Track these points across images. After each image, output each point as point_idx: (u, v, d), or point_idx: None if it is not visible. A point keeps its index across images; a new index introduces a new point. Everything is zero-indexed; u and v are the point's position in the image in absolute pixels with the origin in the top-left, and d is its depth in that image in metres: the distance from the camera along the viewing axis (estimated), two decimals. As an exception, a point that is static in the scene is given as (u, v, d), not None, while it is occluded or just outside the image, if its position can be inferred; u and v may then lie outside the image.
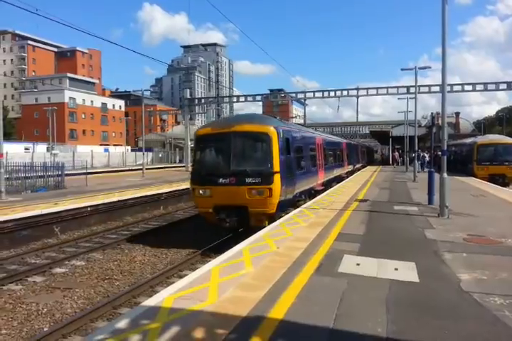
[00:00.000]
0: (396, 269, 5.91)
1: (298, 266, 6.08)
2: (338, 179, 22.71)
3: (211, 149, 11.72)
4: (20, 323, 6.53)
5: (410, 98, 31.44)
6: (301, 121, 58.39)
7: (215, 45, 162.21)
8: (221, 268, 6.05)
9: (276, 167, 10.52)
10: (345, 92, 40.70)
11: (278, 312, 4.37)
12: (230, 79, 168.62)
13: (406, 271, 5.82)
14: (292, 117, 77.23)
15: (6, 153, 19.06)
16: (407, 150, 34.28)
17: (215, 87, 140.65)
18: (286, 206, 11.87)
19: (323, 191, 16.82)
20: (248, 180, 10.32)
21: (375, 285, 5.26)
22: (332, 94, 41.32)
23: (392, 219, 10.29)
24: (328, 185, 18.87)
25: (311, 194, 15.38)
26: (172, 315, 4.32)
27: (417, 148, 27.77)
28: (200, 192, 10.86)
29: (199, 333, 3.90)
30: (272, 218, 10.61)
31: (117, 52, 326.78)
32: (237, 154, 10.72)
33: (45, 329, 6.29)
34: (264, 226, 9.59)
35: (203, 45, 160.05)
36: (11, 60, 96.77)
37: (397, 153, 43.10)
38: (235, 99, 48.51)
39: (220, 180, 10.48)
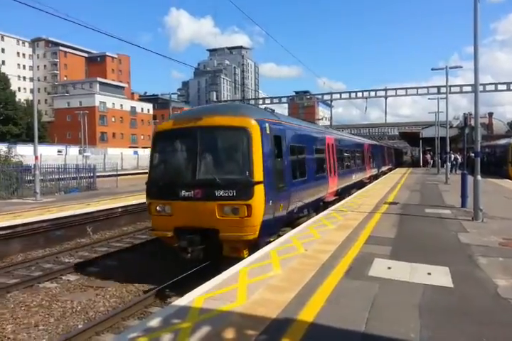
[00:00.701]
0: (429, 274, 5.76)
1: (327, 268, 6.01)
2: (359, 185, 19.98)
3: (172, 150, 8.96)
4: (57, 320, 6.77)
5: (441, 98, 30.74)
6: (328, 123, 57.95)
7: (240, 48, 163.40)
8: (249, 269, 6.05)
9: (258, 175, 7.82)
10: (372, 93, 40.34)
11: (308, 314, 4.34)
12: (256, 81, 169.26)
13: (439, 276, 5.66)
14: (318, 119, 76.85)
15: (40, 155, 19.81)
16: (439, 152, 33.43)
17: (241, 89, 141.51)
18: (277, 227, 9.06)
19: (337, 201, 14.22)
20: (219, 193, 7.68)
21: (407, 290, 5.15)
22: (359, 95, 41.01)
23: (424, 222, 10.04)
24: (344, 193, 16.09)
25: (319, 207, 12.57)
26: (202, 315, 4.37)
27: (448, 150, 27.03)
28: (158, 208, 8.36)
29: (229, 334, 3.93)
30: (255, 245, 7.94)
31: (145, 56, 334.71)
32: (205, 158, 8.17)
33: (80, 326, 6.48)
34: (243, 258, 7.13)
35: (229, 48, 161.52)
36: (44, 65, 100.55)
37: (429, 154, 41.96)
38: (260, 102, 48.84)
39: (183, 192, 7.92)
